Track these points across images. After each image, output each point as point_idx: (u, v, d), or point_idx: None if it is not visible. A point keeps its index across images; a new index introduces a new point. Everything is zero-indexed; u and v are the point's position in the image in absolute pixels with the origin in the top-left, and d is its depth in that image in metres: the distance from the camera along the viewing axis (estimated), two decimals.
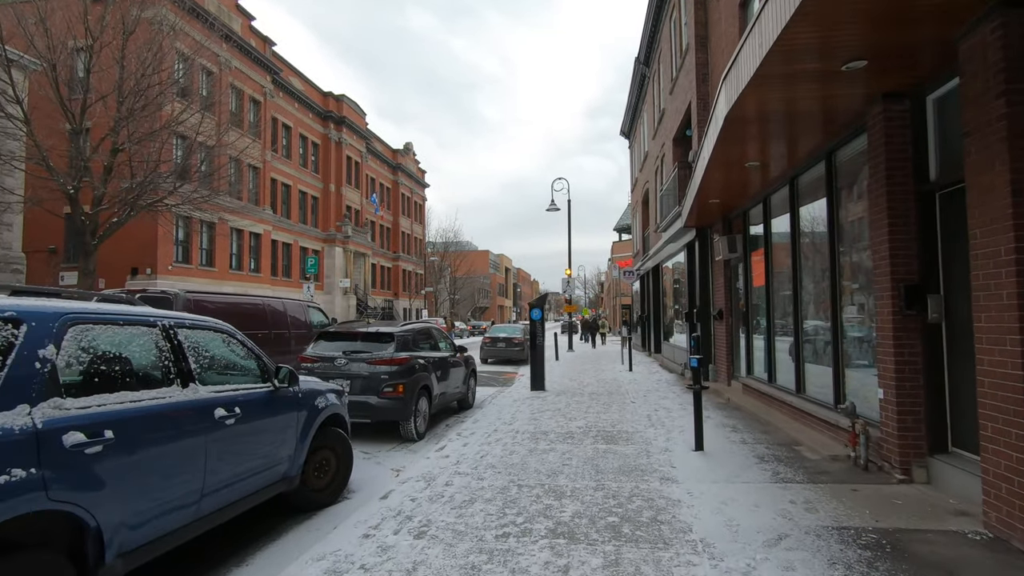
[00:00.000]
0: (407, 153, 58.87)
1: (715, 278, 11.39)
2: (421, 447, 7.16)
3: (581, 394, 10.69)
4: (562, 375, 14.28)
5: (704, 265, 11.83)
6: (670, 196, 14.30)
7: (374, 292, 50.06)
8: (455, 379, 9.22)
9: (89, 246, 16.57)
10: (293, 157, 38.64)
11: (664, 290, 17.42)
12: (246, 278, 32.05)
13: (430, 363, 8.13)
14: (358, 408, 7.16)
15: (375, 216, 49.95)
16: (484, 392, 12.08)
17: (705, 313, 11.73)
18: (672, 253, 15.16)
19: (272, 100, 35.28)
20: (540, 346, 11.35)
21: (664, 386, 11.76)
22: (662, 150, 16.97)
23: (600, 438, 6.77)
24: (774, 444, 6.18)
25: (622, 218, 47.56)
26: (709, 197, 9.01)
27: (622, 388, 11.49)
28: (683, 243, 13.23)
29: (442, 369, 8.62)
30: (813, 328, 7.04)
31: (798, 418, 6.99)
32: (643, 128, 22.24)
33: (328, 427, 5.03)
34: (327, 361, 7.36)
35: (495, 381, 14.44)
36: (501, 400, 10.28)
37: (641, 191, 22.91)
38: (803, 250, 7.29)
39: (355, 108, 45.85)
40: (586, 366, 16.95)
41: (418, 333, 8.37)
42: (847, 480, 4.79)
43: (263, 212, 33.71)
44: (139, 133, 16.82)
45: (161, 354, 3.31)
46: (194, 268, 28.00)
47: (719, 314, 10.77)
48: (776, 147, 6.47)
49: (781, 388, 7.89)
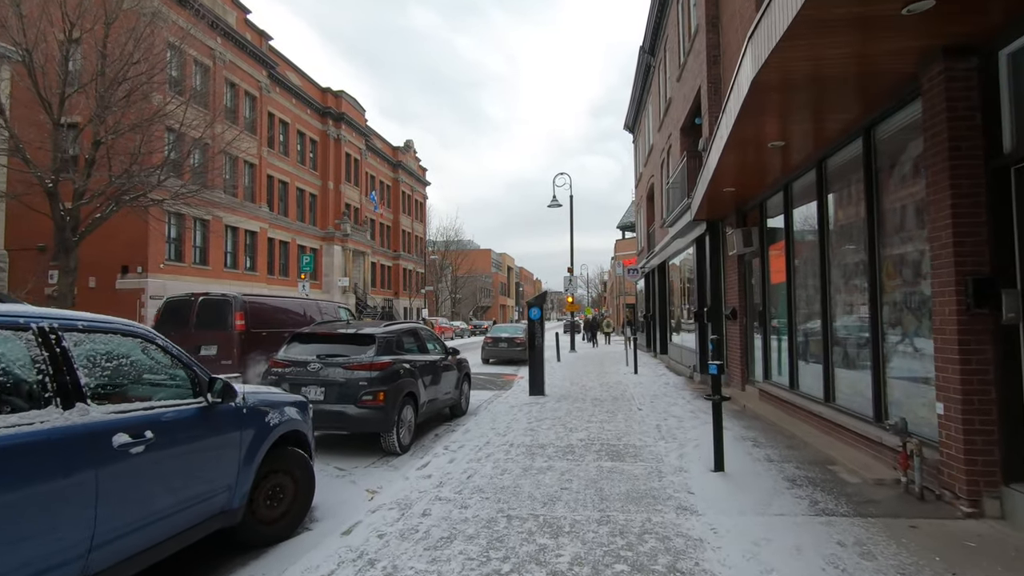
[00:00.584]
0: (408, 150, 58.15)
1: (727, 275, 10.60)
2: (404, 462, 6.40)
3: (583, 400, 9.90)
4: (563, 378, 13.50)
5: (715, 261, 11.03)
6: (677, 189, 13.50)
7: (374, 291, 49.35)
8: (446, 384, 8.46)
9: (70, 242, 15.85)
10: (291, 154, 37.95)
11: (670, 288, 16.62)
12: (242, 277, 31.37)
13: (417, 367, 7.36)
14: (334, 418, 6.41)
15: (374, 214, 49.24)
16: (480, 396, 11.31)
17: (716, 312, 10.94)
18: (679, 249, 14.36)
19: (268, 95, 34.58)
20: (539, 347, 10.57)
21: (672, 390, 10.97)
22: (668, 141, 16.16)
23: (604, 453, 5.99)
24: (805, 463, 5.39)
25: (625, 215, 46.74)
26: (723, 185, 8.22)
27: (627, 393, 10.70)
28: (692, 238, 12.43)
29: (431, 374, 7.86)
30: (844, 329, 6.25)
31: (828, 431, 6.19)
32: (648, 121, 21.44)
33: (284, 447, 4.27)
34: (299, 366, 6.60)
35: (492, 384, 13.67)
36: (497, 406, 9.51)
37: (646, 186, 22.10)
38: (832, 242, 6.49)
39: (354, 104, 45.14)
40: (589, 368, 16.17)
41: (403, 334, 7.60)
42: (901, 512, 4.00)
43: (259, 209, 33.03)
44: (122, 125, 16.12)
45: (34, 366, 2.54)
46: (187, 266, 27.32)
47: (732, 313, 9.97)
48: (805, 123, 5.68)
49: (806, 396, 7.10)
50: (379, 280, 51.35)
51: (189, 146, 20.97)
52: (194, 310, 11.18)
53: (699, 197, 9.52)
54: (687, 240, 13.03)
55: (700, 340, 11.99)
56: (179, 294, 12.80)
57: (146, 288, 25.02)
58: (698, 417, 7.99)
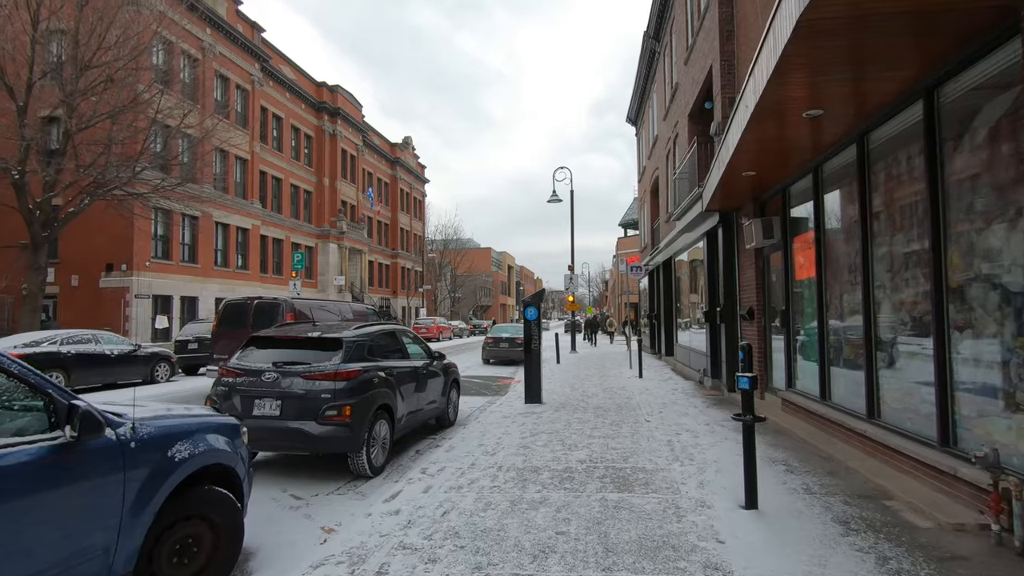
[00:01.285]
0: (406, 147, 57.20)
1: (743, 271, 9.64)
2: (374, 488, 5.46)
3: (584, 409, 8.95)
4: (563, 382, 12.55)
5: (729, 256, 10.07)
6: (685, 180, 12.55)
7: (371, 290, 48.44)
8: (430, 392, 7.52)
9: (39, 238, 14.92)
10: (285, 149, 37.04)
11: (677, 286, 15.66)
12: (233, 275, 30.46)
13: (394, 375, 6.42)
14: (291, 437, 5.47)
15: (371, 212, 48.32)
16: (471, 404, 10.37)
17: (730, 312, 9.98)
18: (688, 244, 13.40)
19: (261, 89, 33.66)
20: (536, 351, 9.62)
21: (681, 398, 10.01)
22: (674, 130, 15.20)
23: (609, 480, 5.04)
24: (854, 496, 4.43)
25: (627, 213, 45.77)
26: (742, 169, 7.25)
27: (632, 400, 9.74)
28: (702, 231, 11.47)
29: (412, 382, 6.92)
30: (891, 330, 5.29)
31: (875, 452, 5.24)
32: (652, 111, 20.47)
33: (201, 486, 3.33)
34: (253, 375, 5.65)
35: (487, 389, 12.73)
36: (488, 416, 8.57)
37: (650, 179, 21.13)
38: (877, 229, 5.53)
39: (350, 99, 44.20)
40: (590, 371, 15.21)
41: (379, 337, 6.65)
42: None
43: (251, 206, 32.12)
44: (97, 113, 15.18)
45: None
46: (175, 264, 26.40)
47: (749, 313, 9.01)
48: (853, 84, 4.72)
49: (842, 409, 6.14)
50: (377, 279, 50.44)
51: (167, 136, 20.04)
52: (250, 311, 12.54)
53: (712, 185, 8.57)
54: (696, 234, 12.06)
55: (711, 342, 11.03)
56: (236, 298, 14.22)
57: (131, 287, 24.10)
58: (715, 431, 7.03)
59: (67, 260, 24.40)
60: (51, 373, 11.57)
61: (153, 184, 18.19)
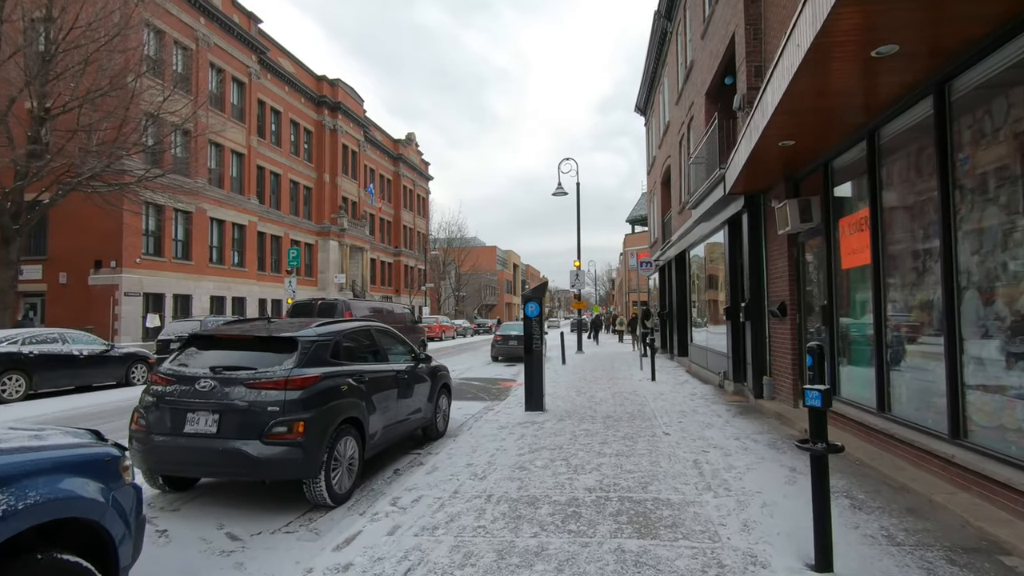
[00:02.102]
0: (409, 144, 56.23)
1: (772, 261, 8.51)
2: (333, 524, 4.40)
3: (592, 418, 7.86)
4: (568, 386, 11.46)
5: (755, 245, 8.94)
6: (702, 165, 11.43)
7: (374, 288, 47.53)
8: (414, 400, 6.46)
9: (8, 231, 13.99)
10: (283, 144, 36.13)
11: (691, 281, 14.52)
12: (229, 273, 29.55)
13: (366, 382, 5.36)
14: (229, 461, 4.41)
15: (373, 208, 47.39)
16: (466, 410, 9.31)
17: (757, 308, 8.85)
18: (705, 235, 12.26)
19: (258, 82, 32.77)
20: (538, 352, 8.54)
21: (702, 404, 8.91)
22: (689, 112, 14.07)
23: (627, 519, 3.95)
24: (959, 551, 3.31)
25: (635, 208, 44.57)
26: (780, 136, 6.13)
27: (647, 408, 8.65)
28: (723, 219, 10.34)
29: (391, 389, 5.86)
30: (980, 327, 4.17)
31: (967, 483, 4.12)
32: (663, 96, 19.32)
33: (36, 554, 2.27)
34: (186, 383, 4.60)
35: (485, 393, 11.65)
36: (483, 426, 7.50)
37: (660, 170, 19.99)
38: (962, 202, 4.40)
39: (351, 94, 43.27)
40: (598, 373, 14.11)
41: (349, 336, 5.58)
42: None
43: (248, 202, 31.22)
44: (72, 97, 14.26)
45: None
46: (167, 261, 25.51)
47: (780, 309, 7.88)
48: (944, 7, 3.60)
49: (911, 425, 5.02)
50: (379, 277, 49.53)
51: (156, 127, 19.12)
52: (315, 309, 16.06)
53: (739, 163, 7.46)
54: (716, 222, 10.93)
55: (733, 342, 9.91)
56: (303, 299, 18.01)
57: (120, 284, 23.22)
58: (749, 449, 5.92)
59: (56, 257, 23.57)
60: (9, 376, 10.62)
61: (136, 175, 17.26)
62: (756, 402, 8.57)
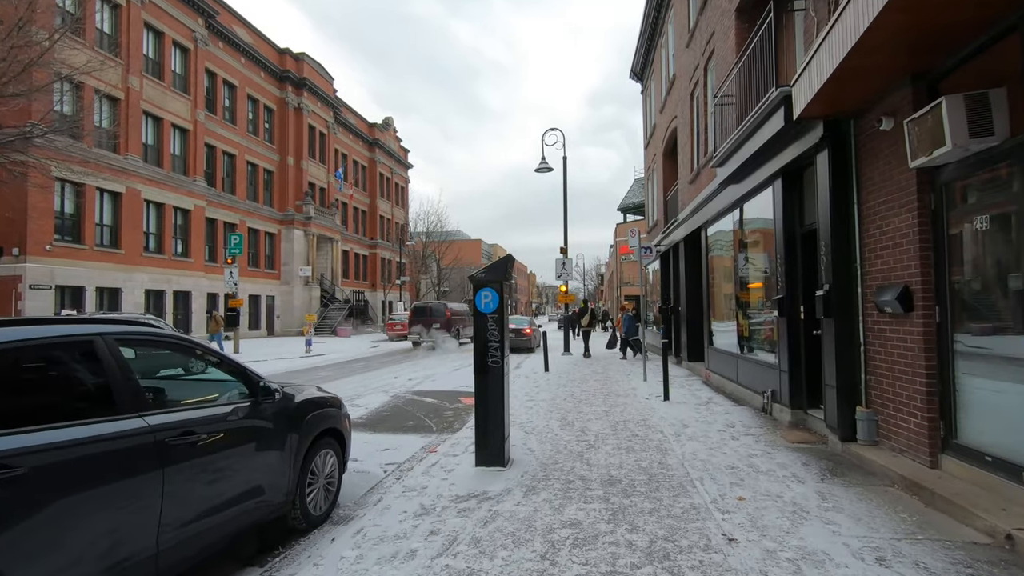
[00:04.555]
0: (386, 128, 52.58)
1: (875, 221, 5.31)
2: None
3: (585, 487, 4.62)
4: (550, 409, 8.23)
5: (841, 198, 5.71)
6: (732, 104, 8.29)
7: (346, 283, 43.99)
8: (241, 474, 3.28)
9: None
10: (239, 122, 32.45)
11: (710, 267, 11.33)
12: (169, 264, 25.87)
13: (70, 466, 2.10)
14: None
15: (345, 196, 43.79)
16: (391, 454, 6.05)
17: (843, 298, 5.64)
18: (735, 201, 9.07)
19: (206, 49, 29.05)
20: (496, 371, 5.25)
21: (755, 447, 5.73)
22: (708, 47, 10.88)
23: None
24: None
25: (628, 196, 41.44)
26: None
27: (671, 457, 5.44)
28: (773, 170, 7.15)
29: (153, 469, 2.62)
30: None
31: None
32: (666, 50, 16.12)
33: None
34: None
35: (435, 417, 8.34)
36: (397, 503, 4.25)
37: (662, 139, 16.81)
38: None
39: (319, 70, 39.61)
40: (589, 385, 10.91)
41: (44, 360, 2.31)
42: None
43: (194, 184, 27.55)
44: None
45: None
46: (88, 249, 21.84)
47: (902, 298, 4.68)
48: None
49: None
50: (353, 270, 45.97)
51: (63, 87, 15.48)
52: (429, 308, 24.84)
53: (821, 69, 4.30)
54: (758, 178, 7.73)
55: (790, 348, 6.74)
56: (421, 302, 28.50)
57: (24, 275, 19.55)
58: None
59: None
60: None
61: (9, 137, 13.66)
62: (845, 448, 5.38)
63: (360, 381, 12.75)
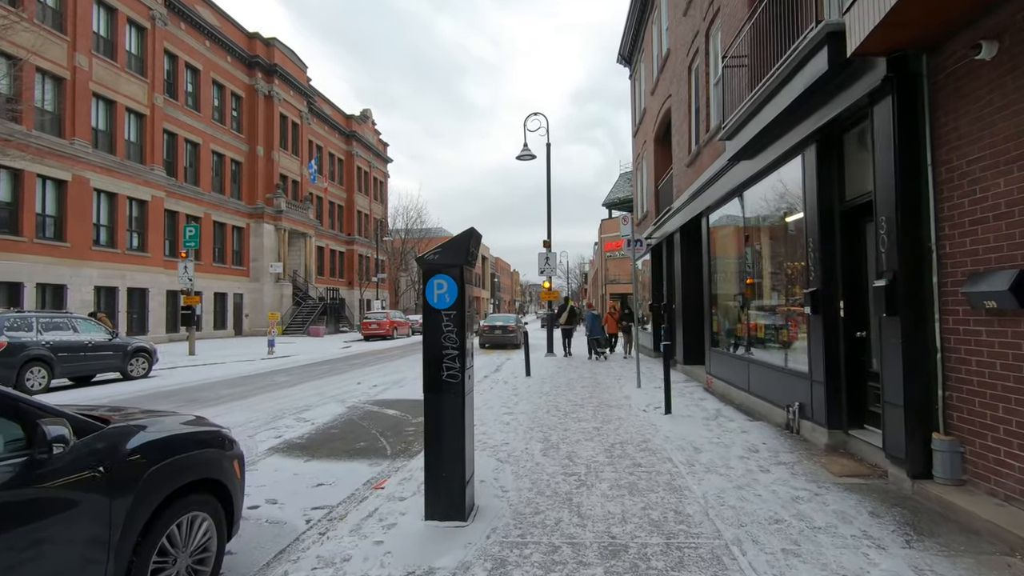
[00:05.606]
0: (364, 121, 50.72)
1: (960, 188, 4.01)
2: None
3: (576, 557, 3.25)
4: (529, 425, 6.84)
5: (910, 157, 4.38)
6: (743, 67, 7.01)
7: (322, 280, 42.16)
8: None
9: None
10: (203, 108, 30.47)
11: (713, 258, 10.04)
12: (123, 258, 23.91)
13: None
14: None
15: (319, 190, 41.93)
16: (322, 491, 4.60)
17: (912, 290, 4.32)
18: (744, 180, 7.76)
19: (165, 29, 27.07)
20: (457, 387, 3.83)
21: (794, 484, 4.43)
22: (711, 7, 9.57)
23: None
24: None
25: (612, 191, 40.26)
26: None
27: (689, 503, 4.09)
28: (803, 135, 5.84)
29: None
30: None
31: None
32: (659, 25, 14.83)
33: None
34: None
35: (392, 436, 6.86)
36: None
37: (654, 122, 15.53)
38: None
39: (291, 57, 37.69)
40: (575, 394, 9.55)
41: None
42: None
43: (151, 173, 25.60)
44: None
45: None
46: (27, 242, 19.89)
47: (1016, 288, 3.39)
48: None
49: None
50: (328, 267, 44.12)
51: None
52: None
53: None
54: (780, 148, 6.42)
55: (826, 353, 5.44)
56: None
57: None
58: None
59: None
60: None
61: None
62: (918, 488, 4.07)
63: (317, 388, 11.24)
